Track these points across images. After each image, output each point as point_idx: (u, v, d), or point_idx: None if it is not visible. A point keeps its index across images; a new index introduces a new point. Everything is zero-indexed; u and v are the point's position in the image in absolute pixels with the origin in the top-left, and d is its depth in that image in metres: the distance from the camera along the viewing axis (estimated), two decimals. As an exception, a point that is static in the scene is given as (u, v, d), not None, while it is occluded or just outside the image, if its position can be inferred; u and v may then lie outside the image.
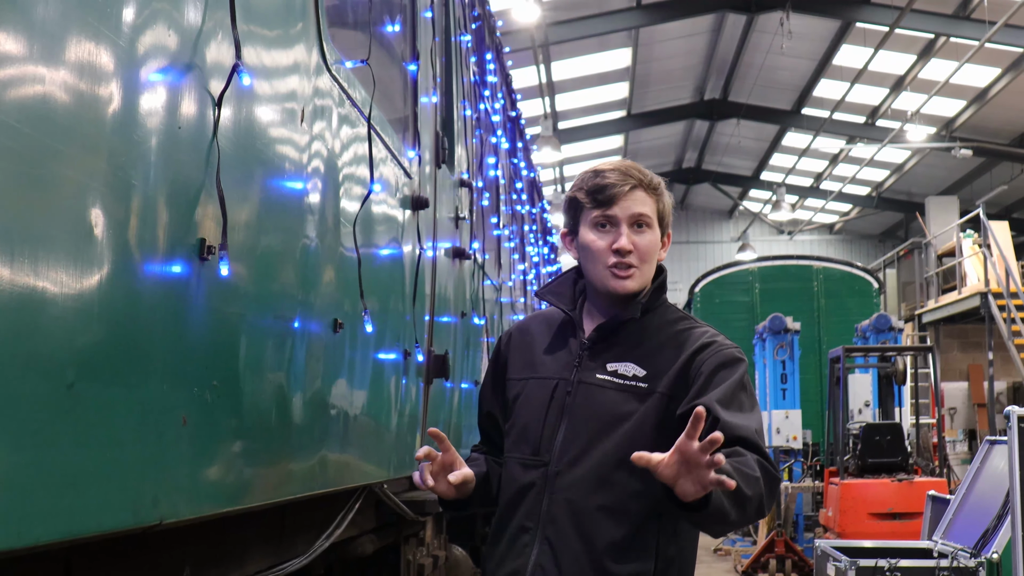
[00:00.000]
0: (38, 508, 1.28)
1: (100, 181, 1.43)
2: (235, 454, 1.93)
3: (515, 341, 2.44)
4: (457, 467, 2.26)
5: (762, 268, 16.71)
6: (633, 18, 16.81)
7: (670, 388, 2.21)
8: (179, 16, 1.69)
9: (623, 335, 2.30)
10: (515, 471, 2.30)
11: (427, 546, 4.41)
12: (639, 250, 2.26)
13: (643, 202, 2.27)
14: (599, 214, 2.27)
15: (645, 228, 2.28)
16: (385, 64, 3.35)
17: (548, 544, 2.20)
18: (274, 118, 2.11)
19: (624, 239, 2.25)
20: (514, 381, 2.38)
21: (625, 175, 2.28)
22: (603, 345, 2.29)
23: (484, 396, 2.50)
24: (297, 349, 2.28)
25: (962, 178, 23.40)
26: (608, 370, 2.26)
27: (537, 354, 2.37)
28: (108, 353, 1.44)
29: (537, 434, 2.27)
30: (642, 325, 2.30)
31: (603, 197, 2.26)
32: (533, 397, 2.32)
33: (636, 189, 2.28)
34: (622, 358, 2.27)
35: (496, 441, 2.45)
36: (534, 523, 2.23)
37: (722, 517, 2.01)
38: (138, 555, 1.84)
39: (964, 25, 15.96)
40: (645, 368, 2.24)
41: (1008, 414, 4.46)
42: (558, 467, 2.23)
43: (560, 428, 2.25)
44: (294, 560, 2.62)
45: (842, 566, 5.29)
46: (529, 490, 2.25)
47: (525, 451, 2.29)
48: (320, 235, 2.43)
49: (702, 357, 2.23)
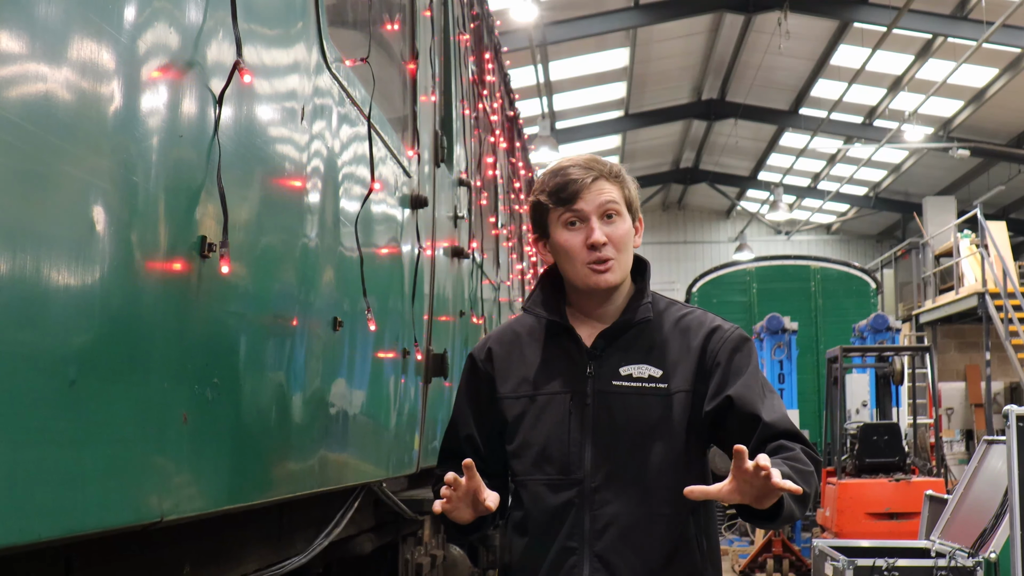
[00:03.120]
0: (39, 505, 1.28)
1: (102, 178, 1.43)
2: (235, 452, 1.93)
3: (497, 356, 2.34)
4: (482, 493, 2.13)
5: (759, 268, 16.72)
6: (631, 18, 16.82)
7: (690, 383, 2.21)
8: (180, 14, 1.69)
9: (626, 336, 2.26)
10: (542, 493, 2.22)
11: (425, 545, 4.41)
12: (613, 240, 2.23)
13: (608, 191, 2.24)
14: (567, 212, 2.23)
15: (615, 217, 2.24)
16: (384, 63, 3.35)
17: (600, 561, 2.16)
18: (274, 116, 2.12)
19: (597, 232, 2.21)
20: (511, 400, 2.29)
21: (585, 168, 2.24)
22: (610, 350, 2.25)
23: (461, 418, 2.37)
24: (297, 347, 2.28)
25: (959, 178, 23.43)
26: (623, 375, 2.22)
27: (532, 368, 2.29)
28: (109, 350, 1.44)
29: (563, 452, 2.21)
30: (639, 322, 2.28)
31: (566, 194, 2.23)
32: (546, 414, 2.24)
33: (598, 180, 2.24)
34: (632, 360, 2.24)
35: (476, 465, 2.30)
36: (579, 543, 2.18)
37: (791, 516, 2.05)
38: (138, 553, 1.85)
39: (962, 25, 15.97)
40: (659, 367, 2.22)
41: (1007, 413, 4.46)
42: (595, 482, 2.18)
43: (587, 443, 2.20)
44: (293, 558, 2.62)
45: (840, 566, 5.30)
46: (567, 510, 2.19)
47: (551, 471, 2.22)
48: (320, 233, 2.43)
49: (713, 346, 2.24)
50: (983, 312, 15.85)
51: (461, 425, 2.37)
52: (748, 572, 11.02)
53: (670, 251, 28.40)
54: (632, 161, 24.93)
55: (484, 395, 2.34)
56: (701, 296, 16.37)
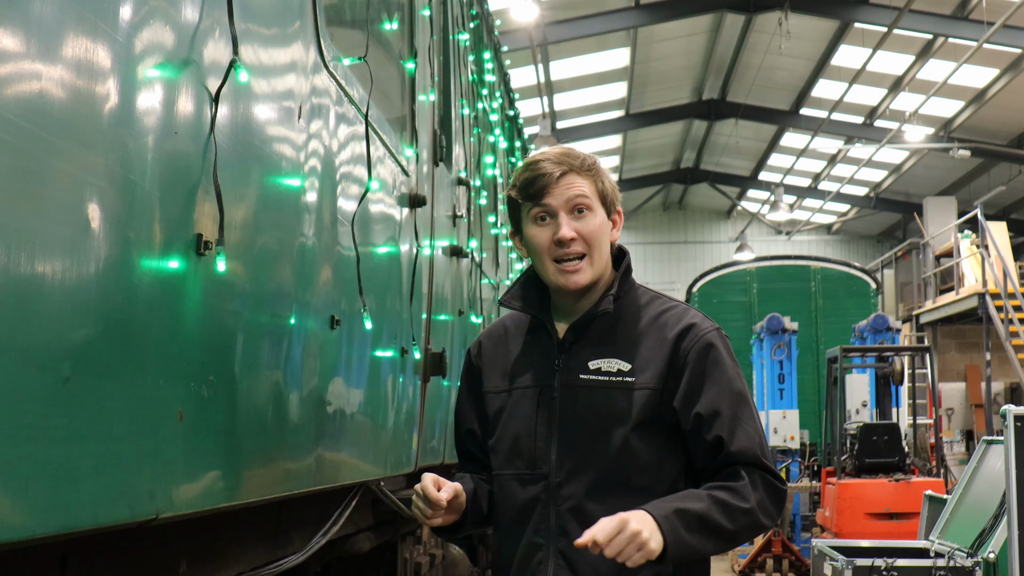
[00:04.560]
0: (34, 502, 1.29)
1: (97, 176, 1.43)
2: (231, 450, 1.93)
3: (485, 351, 2.35)
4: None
5: (760, 268, 16.74)
6: (632, 18, 16.82)
7: (659, 381, 2.16)
8: (176, 13, 1.69)
9: (599, 329, 2.22)
10: (512, 488, 2.22)
11: (424, 544, 4.41)
12: (584, 236, 2.18)
13: (578, 186, 2.19)
14: (535, 208, 2.20)
15: (586, 212, 2.19)
16: (383, 62, 3.35)
17: (563, 557, 2.14)
18: (271, 115, 2.12)
19: (565, 228, 2.17)
20: (492, 395, 2.30)
21: (555, 163, 2.20)
22: (580, 343, 2.22)
23: (462, 413, 2.39)
24: (294, 346, 2.28)
25: (960, 179, 23.41)
26: (591, 368, 2.19)
27: (512, 362, 2.29)
28: (104, 347, 1.45)
29: (530, 446, 2.19)
30: (616, 315, 2.23)
31: (534, 190, 2.19)
32: (518, 409, 2.23)
33: (568, 174, 2.19)
34: (603, 354, 2.19)
35: (480, 459, 2.35)
36: (544, 539, 2.16)
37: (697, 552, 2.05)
38: (134, 550, 1.85)
39: (962, 26, 15.97)
40: (628, 361, 2.18)
41: (1005, 413, 4.46)
42: (559, 477, 2.16)
43: (553, 437, 2.18)
44: (290, 556, 2.62)
45: (839, 566, 5.30)
46: (533, 505, 2.18)
47: (520, 466, 2.21)
48: (317, 232, 2.43)
49: (685, 345, 2.18)
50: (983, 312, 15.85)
51: (461, 420, 2.39)
52: (748, 572, 11.02)
53: (670, 251, 28.40)
54: (632, 161, 24.94)
55: (476, 390, 2.35)
56: (701, 296, 16.38)
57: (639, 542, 1.93)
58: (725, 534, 2.05)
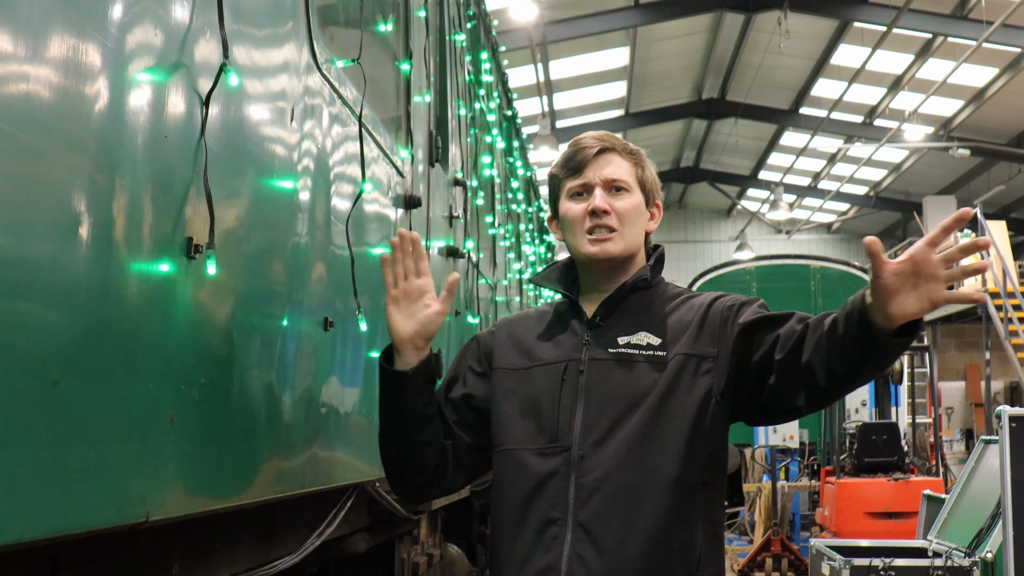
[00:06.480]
0: (23, 505, 1.28)
1: (86, 179, 1.43)
2: (222, 452, 1.93)
3: (502, 332, 2.33)
4: (428, 295, 2.20)
5: (760, 267, 16.75)
6: (631, 17, 16.83)
7: (691, 346, 2.14)
8: (166, 14, 1.69)
9: (629, 308, 2.22)
10: (529, 461, 2.15)
11: (422, 544, 4.41)
12: (617, 212, 2.20)
13: (617, 165, 2.22)
14: (574, 183, 2.22)
15: (624, 192, 2.22)
16: (378, 63, 3.35)
17: (583, 530, 2.07)
18: (263, 117, 2.12)
19: (599, 199, 2.18)
20: (506, 371, 2.25)
21: (597, 139, 2.23)
22: (610, 321, 2.21)
23: (460, 374, 2.33)
24: (287, 347, 2.28)
25: (960, 178, 23.42)
26: (620, 343, 2.17)
27: (533, 341, 2.27)
28: (94, 351, 1.45)
29: (552, 420, 2.15)
30: (647, 298, 2.23)
31: (574, 163, 2.22)
32: (539, 384, 2.20)
33: (609, 152, 2.22)
34: (633, 329, 2.18)
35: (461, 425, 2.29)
36: (562, 512, 2.09)
37: (902, 351, 1.96)
38: (126, 553, 1.85)
39: (962, 25, 15.98)
40: (659, 336, 2.17)
41: (1000, 414, 4.46)
42: (582, 450, 2.11)
43: (578, 410, 2.14)
44: (285, 557, 2.62)
45: (837, 565, 5.30)
46: (550, 478, 2.11)
47: (541, 440, 2.16)
48: (310, 233, 2.43)
49: (717, 307, 2.18)
50: (983, 312, 15.86)
51: (455, 387, 2.33)
52: (747, 571, 11.02)
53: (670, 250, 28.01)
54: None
55: (466, 369, 2.32)
56: (701, 295, 16.37)
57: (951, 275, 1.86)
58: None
